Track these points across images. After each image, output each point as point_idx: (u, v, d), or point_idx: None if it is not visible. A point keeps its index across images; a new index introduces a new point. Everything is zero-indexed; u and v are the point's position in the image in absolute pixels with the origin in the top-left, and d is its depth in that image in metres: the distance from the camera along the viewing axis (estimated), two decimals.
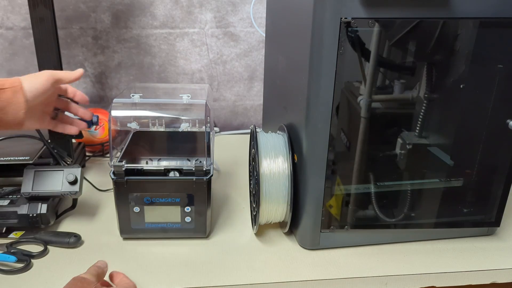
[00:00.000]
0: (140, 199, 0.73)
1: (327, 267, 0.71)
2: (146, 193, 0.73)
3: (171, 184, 0.73)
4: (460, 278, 0.72)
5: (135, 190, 0.73)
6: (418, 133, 0.75)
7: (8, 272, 0.67)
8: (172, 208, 0.74)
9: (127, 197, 0.73)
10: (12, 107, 0.65)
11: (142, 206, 0.73)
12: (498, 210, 0.77)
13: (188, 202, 0.74)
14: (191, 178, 0.72)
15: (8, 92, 0.64)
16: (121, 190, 0.72)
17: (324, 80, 0.64)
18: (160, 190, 0.73)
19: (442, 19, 0.64)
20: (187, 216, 0.75)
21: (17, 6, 1.14)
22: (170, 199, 0.74)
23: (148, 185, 0.73)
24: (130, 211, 0.73)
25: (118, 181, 0.72)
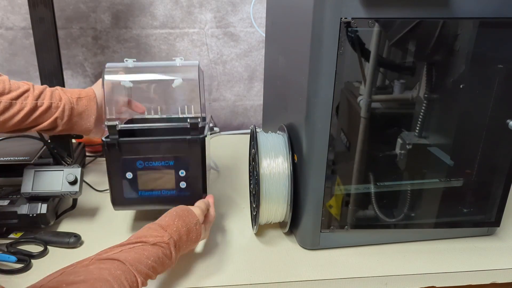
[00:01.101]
0: (132, 164, 0.71)
1: (327, 267, 0.71)
2: (139, 156, 0.71)
3: (165, 144, 0.71)
4: (460, 278, 0.72)
5: (128, 153, 0.70)
6: (418, 133, 0.75)
7: (8, 272, 0.67)
8: (166, 173, 0.72)
9: (119, 161, 0.71)
10: (87, 112, 0.75)
11: (135, 172, 0.71)
12: (498, 210, 0.77)
13: (182, 165, 0.72)
14: (184, 138, 0.70)
15: (84, 100, 0.75)
16: (113, 153, 0.70)
17: (324, 80, 0.64)
18: (153, 152, 0.71)
19: (442, 19, 0.64)
20: (182, 181, 0.73)
21: (17, 6, 1.14)
22: (164, 162, 0.71)
23: (141, 146, 0.70)
24: (123, 178, 0.71)
25: (110, 143, 0.69)
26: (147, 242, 0.59)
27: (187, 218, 0.66)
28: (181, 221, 0.65)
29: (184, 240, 0.64)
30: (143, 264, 0.56)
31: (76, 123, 0.75)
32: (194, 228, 0.66)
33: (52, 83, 0.89)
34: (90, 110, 0.75)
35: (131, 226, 0.81)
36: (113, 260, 0.54)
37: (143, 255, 0.57)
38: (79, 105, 0.74)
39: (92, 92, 0.76)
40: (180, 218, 0.65)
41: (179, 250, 0.63)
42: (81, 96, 0.75)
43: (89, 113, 0.75)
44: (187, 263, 0.71)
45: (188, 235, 0.65)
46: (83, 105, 0.75)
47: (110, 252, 0.56)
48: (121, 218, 0.83)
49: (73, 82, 1.24)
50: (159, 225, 0.63)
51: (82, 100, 0.75)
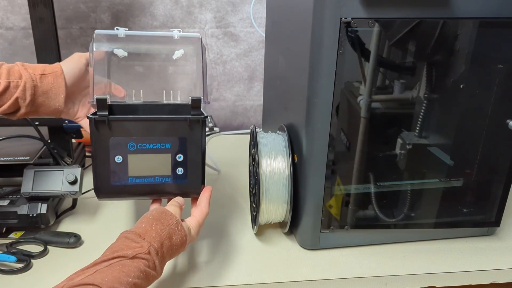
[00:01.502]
0: (123, 146, 0.63)
1: (327, 267, 0.71)
2: (131, 136, 0.62)
3: (162, 124, 0.63)
4: (460, 278, 0.72)
5: (119, 133, 0.62)
6: (418, 133, 0.75)
7: (8, 272, 0.67)
8: (161, 157, 0.64)
9: (108, 142, 0.62)
10: (53, 91, 0.66)
11: (125, 155, 0.63)
12: (498, 210, 0.77)
13: (180, 149, 0.64)
14: (185, 117, 0.63)
15: (50, 77, 0.66)
16: (101, 133, 0.61)
17: (324, 80, 0.64)
18: (147, 133, 0.63)
19: (442, 19, 0.64)
20: (179, 167, 0.65)
21: (17, 6, 1.14)
22: (159, 145, 0.63)
23: (134, 125, 0.62)
24: (111, 161, 0.63)
25: (99, 119, 0.60)
26: (125, 256, 0.52)
27: (165, 220, 0.59)
28: (160, 224, 0.58)
29: (167, 246, 0.57)
30: (123, 285, 0.49)
31: (43, 103, 0.67)
32: (176, 229, 0.59)
33: None
34: (57, 88, 0.67)
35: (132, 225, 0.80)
36: (87, 285, 0.47)
37: (122, 272, 0.50)
38: (43, 82, 0.66)
39: (58, 68, 0.68)
40: (157, 221, 0.58)
41: (163, 258, 0.57)
42: (46, 72, 0.66)
43: (56, 92, 0.67)
44: (187, 263, 0.71)
45: (171, 239, 0.58)
46: (48, 83, 0.66)
47: (82, 275, 0.49)
48: (121, 218, 0.83)
49: None
50: (136, 233, 0.56)
51: (47, 77, 0.66)
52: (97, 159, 0.63)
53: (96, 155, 0.63)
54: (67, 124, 0.91)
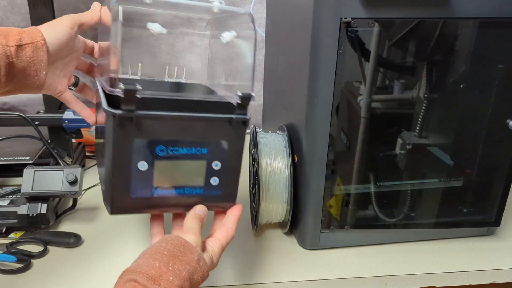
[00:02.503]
0: (150, 150, 0.50)
1: (327, 267, 0.71)
2: (161, 138, 0.50)
3: (201, 124, 0.51)
4: (460, 278, 0.72)
5: (146, 134, 0.49)
6: (418, 133, 0.75)
7: (8, 272, 0.67)
8: (194, 165, 0.52)
9: (130, 145, 0.48)
10: (33, 67, 0.53)
11: (151, 161, 0.50)
12: (498, 210, 0.77)
13: (218, 155, 0.53)
14: (229, 117, 0.52)
15: (28, 50, 0.52)
16: (124, 132, 0.47)
17: (324, 80, 0.64)
18: (181, 135, 0.51)
19: (442, 19, 0.64)
20: (213, 176, 0.54)
21: (17, 6, 1.14)
22: (194, 150, 0.52)
23: (167, 125, 0.50)
24: (133, 168, 0.50)
25: (124, 116, 0.46)
26: None
27: (185, 256, 0.47)
28: (178, 263, 0.45)
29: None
30: None
31: (20, 82, 0.54)
32: (197, 266, 0.47)
33: None
34: (38, 63, 0.53)
35: (133, 225, 0.81)
36: None
37: None
38: (20, 57, 0.52)
39: (39, 36, 0.53)
40: (175, 259, 0.46)
41: None
42: (23, 42, 0.52)
43: (36, 68, 0.53)
44: None
45: (191, 279, 0.46)
46: (26, 57, 0.52)
47: None
48: (122, 218, 0.83)
49: None
50: (148, 276, 0.43)
51: (24, 50, 0.52)
52: (114, 165, 0.49)
53: (114, 159, 0.49)
54: (67, 124, 0.91)
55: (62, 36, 0.56)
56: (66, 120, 0.91)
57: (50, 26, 0.56)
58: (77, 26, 0.58)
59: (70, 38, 0.57)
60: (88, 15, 0.60)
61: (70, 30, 0.57)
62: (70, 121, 0.91)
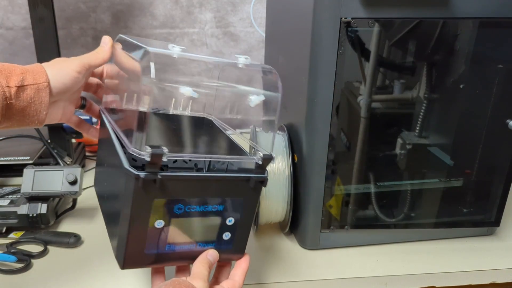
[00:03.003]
0: (168, 208, 0.49)
1: (327, 267, 0.71)
2: (179, 198, 0.49)
3: (219, 184, 0.51)
4: (460, 278, 0.72)
5: (166, 194, 0.48)
6: (418, 133, 0.75)
7: (8, 272, 0.67)
8: (208, 221, 0.52)
9: (150, 204, 0.48)
10: (33, 108, 0.52)
11: (168, 219, 0.50)
12: (497, 210, 0.77)
13: (232, 212, 0.53)
14: (249, 176, 0.52)
15: (30, 91, 0.51)
16: (145, 193, 0.47)
17: (324, 80, 0.64)
18: (200, 194, 0.51)
19: (442, 19, 0.64)
20: (226, 231, 0.54)
21: (17, 6, 1.14)
22: (211, 207, 0.51)
23: (187, 185, 0.50)
24: (149, 227, 0.49)
25: (148, 178, 0.45)
26: None
27: None
28: None
29: None
30: None
31: (18, 121, 0.53)
32: None
33: None
34: (38, 104, 0.52)
35: None
36: None
37: None
38: (20, 98, 0.50)
39: (42, 78, 0.52)
40: None
41: None
42: (25, 83, 0.50)
43: (37, 109, 0.52)
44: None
45: None
46: (26, 98, 0.51)
47: None
48: None
49: None
50: None
51: (25, 91, 0.50)
52: (132, 223, 0.48)
53: (132, 218, 0.47)
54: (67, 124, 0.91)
55: (68, 81, 0.55)
56: None
57: (56, 68, 0.54)
58: (85, 69, 0.56)
59: (76, 83, 0.56)
60: (98, 57, 0.58)
61: (77, 74, 0.55)
62: None
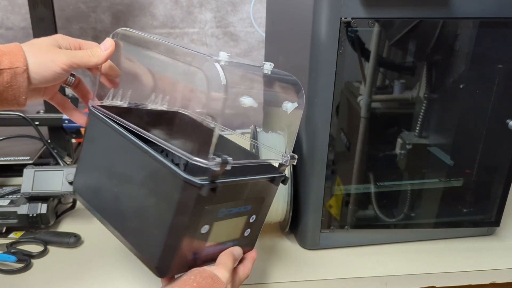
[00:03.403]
0: (214, 213, 0.49)
1: (327, 267, 0.71)
2: (224, 202, 0.50)
3: (254, 184, 0.52)
4: (460, 278, 0.72)
5: (218, 200, 0.48)
6: (418, 133, 0.75)
7: (8, 272, 0.67)
8: (237, 221, 0.53)
9: (201, 211, 0.47)
10: (10, 92, 0.50)
11: (212, 223, 0.50)
12: (497, 210, 0.77)
13: (256, 210, 0.55)
14: (273, 176, 0.54)
15: (6, 75, 0.49)
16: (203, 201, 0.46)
17: (324, 80, 0.64)
18: (237, 196, 0.51)
19: (442, 19, 0.64)
20: (248, 228, 0.55)
21: (17, 6, 1.14)
22: (242, 208, 0.53)
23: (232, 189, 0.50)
24: (197, 233, 0.49)
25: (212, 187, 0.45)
26: None
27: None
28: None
29: None
30: None
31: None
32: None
33: None
34: (16, 89, 0.50)
35: None
36: None
37: None
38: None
39: (20, 61, 0.49)
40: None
41: None
42: (2, 67, 0.48)
43: (15, 93, 0.50)
44: None
45: None
46: (2, 82, 0.49)
47: None
48: None
49: None
50: None
51: (1, 75, 0.48)
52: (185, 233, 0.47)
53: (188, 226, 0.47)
54: (67, 124, 0.91)
55: (49, 76, 0.51)
56: (66, 120, 0.91)
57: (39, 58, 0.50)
58: (72, 68, 0.53)
59: (58, 78, 0.53)
60: (91, 60, 0.54)
61: (61, 71, 0.52)
62: (70, 121, 0.91)
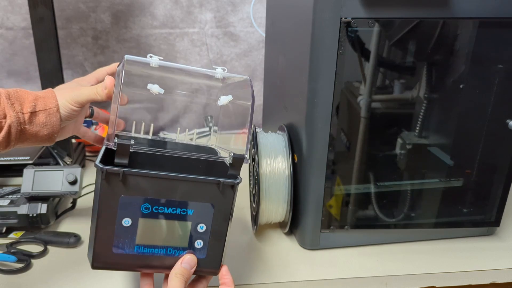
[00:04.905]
0: (135, 207, 0.50)
1: (327, 267, 0.71)
2: (146, 196, 0.50)
3: (187, 185, 0.51)
4: (460, 278, 0.72)
5: (132, 191, 0.50)
6: (418, 133, 0.75)
7: (8, 272, 0.67)
8: (178, 225, 0.53)
9: (116, 200, 0.49)
10: (45, 131, 0.54)
11: (136, 218, 0.51)
12: (497, 210, 0.77)
13: (203, 217, 0.53)
14: (217, 180, 0.52)
15: (42, 116, 0.53)
16: (111, 187, 0.48)
17: (324, 80, 0.64)
18: (168, 194, 0.51)
19: (442, 19, 0.64)
20: (198, 239, 0.54)
21: (17, 6, 1.14)
22: (179, 210, 0.52)
23: (153, 183, 0.50)
24: (117, 224, 0.50)
25: (111, 172, 0.47)
26: None
27: None
28: None
29: None
30: None
31: (31, 143, 0.56)
32: None
33: (52, 83, 0.89)
34: (50, 128, 0.54)
35: None
36: None
37: None
38: (33, 123, 0.53)
39: (53, 103, 0.54)
40: None
41: None
42: (37, 109, 0.53)
43: (49, 132, 0.55)
44: None
45: None
46: (39, 123, 0.53)
47: None
48: None
49: None
50: None
51: (37, 116, 0.53)
52: (99, 219, 0.50)
53: (99, 213, 0.50)
54: None
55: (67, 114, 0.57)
56: None
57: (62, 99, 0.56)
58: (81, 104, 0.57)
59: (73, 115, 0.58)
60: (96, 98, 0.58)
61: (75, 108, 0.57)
62: None
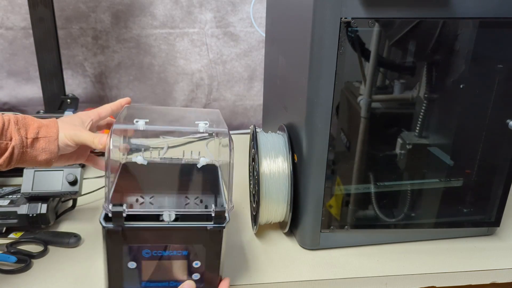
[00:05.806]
0: (137, 253, 0.59)
1: (327, 267, 0.71)
2: (145, 244, 0.59)
3: (179, 232, 0.59)
4: (460, 278, 0.72)
5: (133, 241, 0.58)
6: (418, 133, 0.75)
7: (8, 272, 0.67)
8: (177, 264, 0.61)
9: (121, 249, 0.58)
10: (44, 156, 0.61)
11: (139, 261, 0.59)
12: (498, 210, 0.77)
13: (197, 257, 0.60)
14: (204, 227, 0.59)
15: (42, 142, 0.61)
16: (114, 241, 0.57)
17: (324, 80, 0.64)
18: (163, 240, 0.59)
19: (442, 19, 0.64)
20: (195, 273, 0.61)
21: (17, 6, 1.14)
22: (176, 252, 0.60)
23: (150, 233, 0.59)
24: (124, 267, 0.59)
25: (112, 229, 0.56)
26: None
27: None
28: None
29: None
30: None
31: (29, 164, 0.62)
32: None
33: (52, 83, 0.89)
34: (47, 153, 0.61)
35: None
36: None
37: None
38: (34, 147, 0.61)
39: (54, 132, 0.62)
40: None
41: None
42: (39, 135, 0.61)
43: (46, 157, 0.61)
44: None
45: None
46: (39, 148, 0.61)
47: None
48: None
49: (73, 82, 1.24)
50: None
51: (39, 142, 0.61)
52: (108, 263, 0.59)
53: (108, 259, 0.59)
54: None
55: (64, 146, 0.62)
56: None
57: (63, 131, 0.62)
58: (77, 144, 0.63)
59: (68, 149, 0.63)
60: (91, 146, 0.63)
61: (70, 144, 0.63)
62: None
